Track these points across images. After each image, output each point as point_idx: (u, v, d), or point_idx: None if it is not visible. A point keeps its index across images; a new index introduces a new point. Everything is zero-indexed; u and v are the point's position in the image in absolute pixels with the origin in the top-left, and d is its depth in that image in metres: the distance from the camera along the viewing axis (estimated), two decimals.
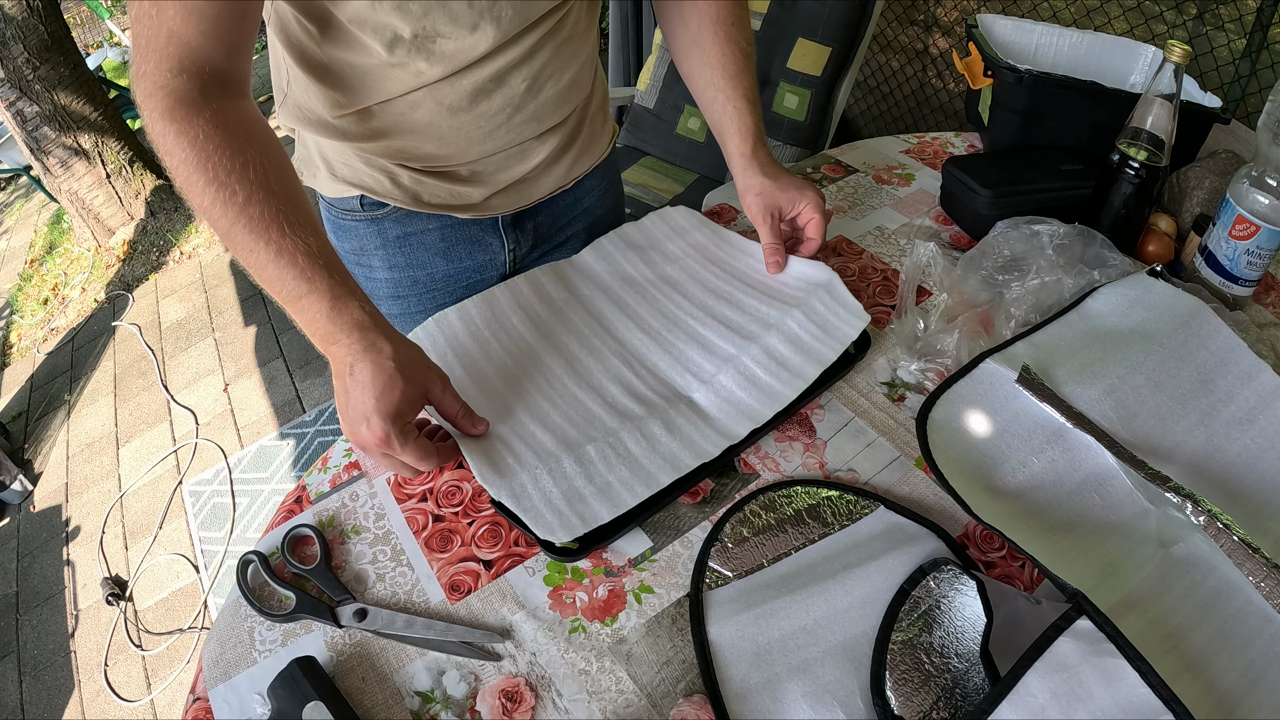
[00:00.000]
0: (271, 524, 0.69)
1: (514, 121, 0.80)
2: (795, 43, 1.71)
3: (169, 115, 0.61)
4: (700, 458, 0.67)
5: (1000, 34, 1.04)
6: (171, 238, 3.43)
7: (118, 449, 2.48)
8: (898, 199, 1.01)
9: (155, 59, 0.60)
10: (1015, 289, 0.77)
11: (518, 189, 0.89)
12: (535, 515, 0.63)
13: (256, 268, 0.63)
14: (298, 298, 0.63)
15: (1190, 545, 0.58)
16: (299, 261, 0.62)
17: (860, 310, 0.78)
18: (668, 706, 0.55)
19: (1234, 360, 0.70)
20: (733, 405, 0.72)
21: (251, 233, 0.61)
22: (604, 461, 0.67)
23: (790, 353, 0.75)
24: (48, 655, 1.97)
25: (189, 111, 0.61)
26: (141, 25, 0.60)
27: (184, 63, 0.61)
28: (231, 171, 0.61)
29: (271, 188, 0.62)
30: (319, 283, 0.63)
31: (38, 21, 3.04)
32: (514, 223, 0.93)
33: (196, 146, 0.61)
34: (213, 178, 0.61)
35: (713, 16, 0.85)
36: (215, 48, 0.61)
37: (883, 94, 2.52)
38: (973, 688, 0.51)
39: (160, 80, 0.61)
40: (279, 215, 0.62)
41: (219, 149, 0.61)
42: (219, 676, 0.59)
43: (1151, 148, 0.78)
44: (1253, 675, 0.52)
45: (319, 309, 0.63)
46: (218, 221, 0.62)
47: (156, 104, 0.61)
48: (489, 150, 0.82)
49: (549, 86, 0.80)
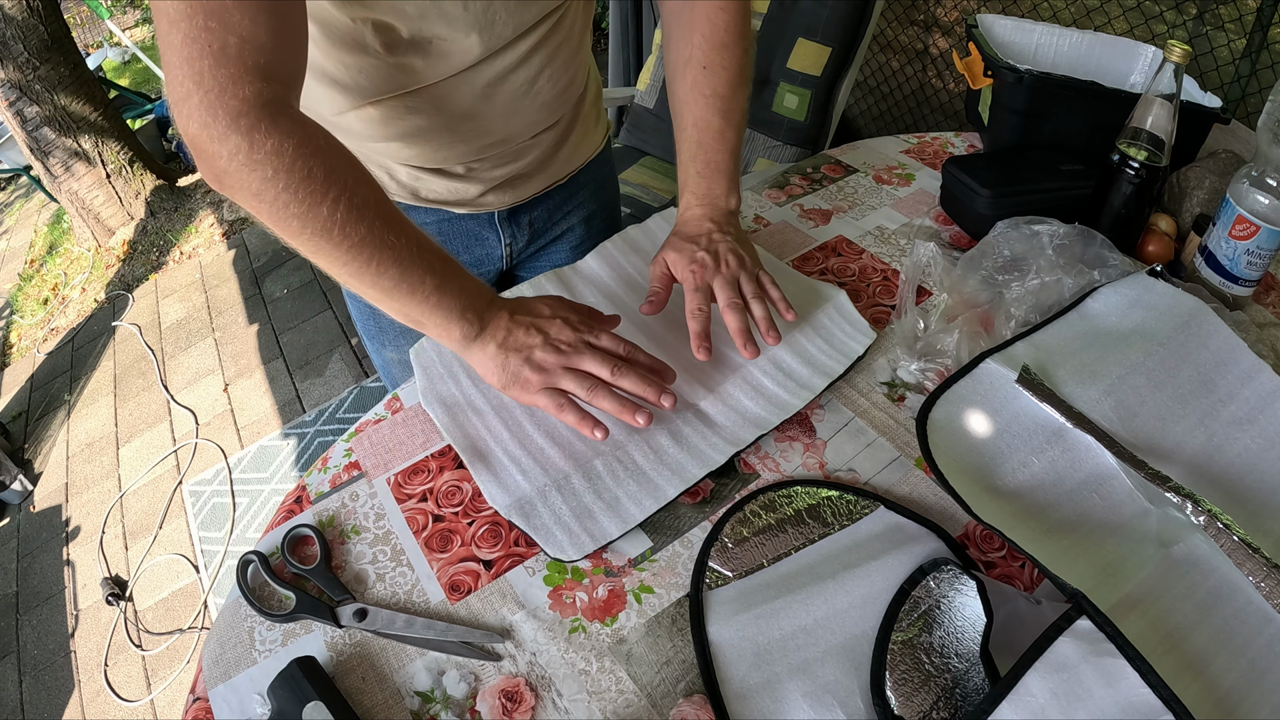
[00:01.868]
0: (271, 524, 0.69)
1: (512, 123, 0.80)
2: (795, 43, 1.71)
3: (278, 129, 0.55)
4: (707, 466, 0.67)
5: (1000, 34, 1.04)
6: (171, 238, 3.43)
7: (118, 449, 2.48)
8: (898, 199, 1.01)
9: (233, 73, 0.53)
10: (1015, 289, 0.77)
11: (513, 185, 0.89)
12: (546, 534, 0.64)
13: (397, 267, 0.62)
14: (451, 277, 0.66)
15: (1190, 545, 0.58)
16: (436, 249, 0.66)
17: (866, 327, 0.78)
18: (668, 706, 0.55)
19: (1234, 360, 0.70)
20: (739, 414, 0.72)
21: (390, 230, 0.62)
22: (612, 476, 0.67)
23: (797, 364, 0.75)
24: (48, 655, 1.97)
25: (297, 122, 0.57)
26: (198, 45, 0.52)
27: (267, 71, 0.55)
28: (359, 178, 0.60)
29: (377, 188, 0.63)
30: (454, 264, 0.67)
31: (38, 22, 3.04)
32: (510, 217, 0.93)
33: (320, 156, 0.57)
34: (344, 185, 0.58)
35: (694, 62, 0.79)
36: (288, 49, 0.57)
37: (883, 94, 2.52)
38: (973, 688, 0.51)
39: (249, 93, 0.54)
40: (398, 212, 0.64)
41: (339, 157, 0.59)
42: (219, 676, 0.59)
43: (1151, 148, 0.78)
44: (1253, 675, 0.52)
45: (471, 280, 0.68)
46: (351, 230, 0.59)
47: (258, 119, 0.54)
48: (488, 148, 0.82)
49: (547, 88, 0.80)
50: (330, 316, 2.77)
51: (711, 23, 0.78)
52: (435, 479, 0.71)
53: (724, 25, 0.78)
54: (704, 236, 0.78)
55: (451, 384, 0.77)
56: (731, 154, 0.81)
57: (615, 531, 0.64)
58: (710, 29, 0.78)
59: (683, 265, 0.76)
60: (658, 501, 0.65)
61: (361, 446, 0.75)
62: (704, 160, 0.80)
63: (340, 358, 2.58)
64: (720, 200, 0.81)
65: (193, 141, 0.55)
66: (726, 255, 0.76)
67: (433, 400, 0.75)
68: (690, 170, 0.81)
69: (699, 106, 0.79)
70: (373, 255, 0.61)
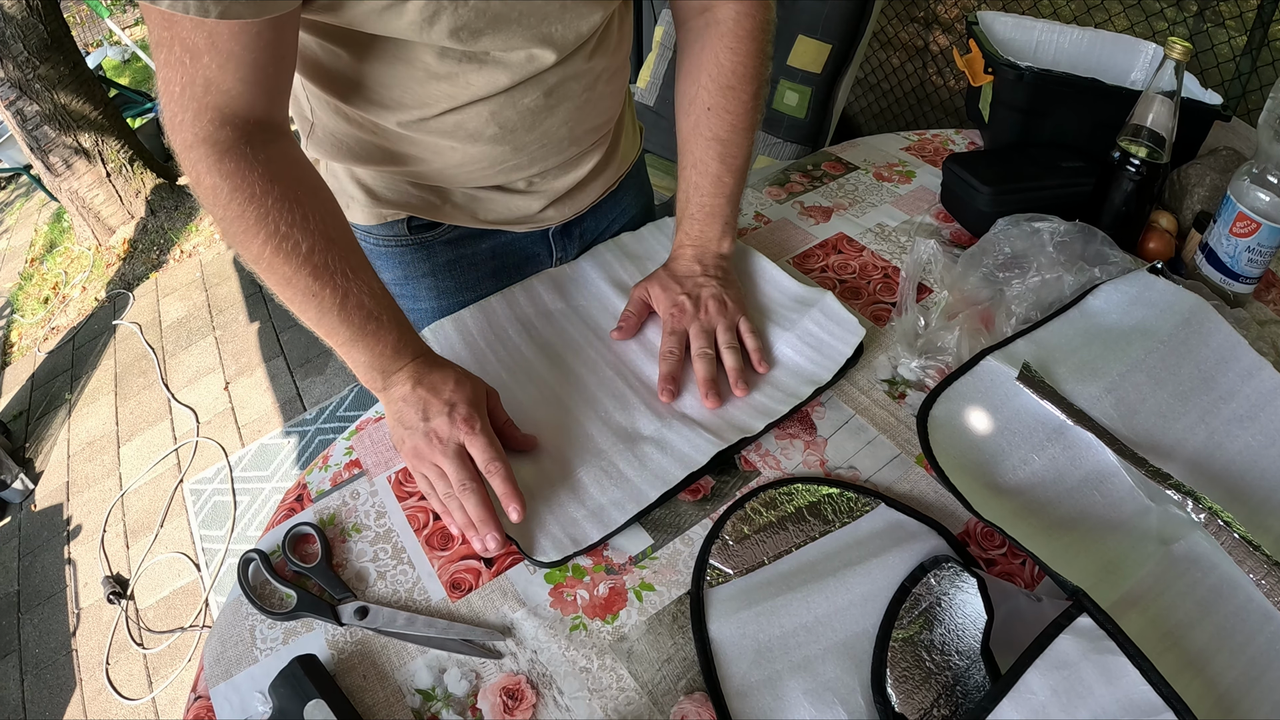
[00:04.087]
0: (272, 522, 0.69)
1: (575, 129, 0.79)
2: (795, 40, 1.71)
3: (218, 170, 0.59)
4: (689, 467, 0.67)
5: (1000, 31, 1.04)
6: (172, 236, 3.43)
7: (118, 448, 2.48)
8: (898, 196, 1.01)
9: (194, 109, 0.57)
10: (1016, 286, 0.77)
11: (572, 197, 0.88)
12: (529, 540, 0.64)
13: (317, 312, 0.64)
14: (363, 336, 0.66)
15: (1191, 543, 0.58)
16: (365, 304, 0.66)
17: (855, 324, 0.77)
18: (669, 704, 0.55)
19: (1235, 358, 0.70)
20: (724, 419, 0.72)
21: (316, 279, 0.63)
22: (597, 485, 0.68)
23: (783, 376, 0.75)
24: (49, 654, 1.97)
25: (240, 165, 0.59)
26: (173, 71, 0.56)
27: (225, 112, 0.58)
28: (294, 224, 0.61)
29: (330, 235, 0.64)
30: (385, 319, 0.67)
31: (37, 20, 3.04)
32: (563, 231, 0.92)
33: (255, 202, 0.60)
34: (274, 230, 0.60)
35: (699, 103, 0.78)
36: (257, 95, 0.58)
37: (883, 91, 2.52)
38: (973, 685, 0.51)
39: (202, 132, 0.58)
40: (342, 261, 0.64)
41: (277, 203, 0.60)
42: (220, 675, 0.59)
43: (1152, 145, 0.78)
44: (1253, 673, 0.52)
45: (388, 341, 0.67)
46: (278, 269, 0.62)
47: (202, 156, 0.58)
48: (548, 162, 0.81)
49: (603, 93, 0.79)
50: None
51: (719, 64, 0.76)
52: None
53: (731, 68, 0.76)
54: (690, 279, 0.80)
55: None
56: (728, 199, 0.81)
57: (596, 535, 0.64)
58: (717, 71, 0.77)
59: (664, 304, 0.79)
60: (639, 504, 0.65)
61: (362, 444, 0.75)
62: (698, 204, 0.81)
63: None
64: (712, 244, 0.82)
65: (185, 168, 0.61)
66: (708, 301, 0.77)
67: None
68: (685, 212, 0.83)
69: (699, 149, 0.80)
70: (295, 295, 0.64)
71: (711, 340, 0.76)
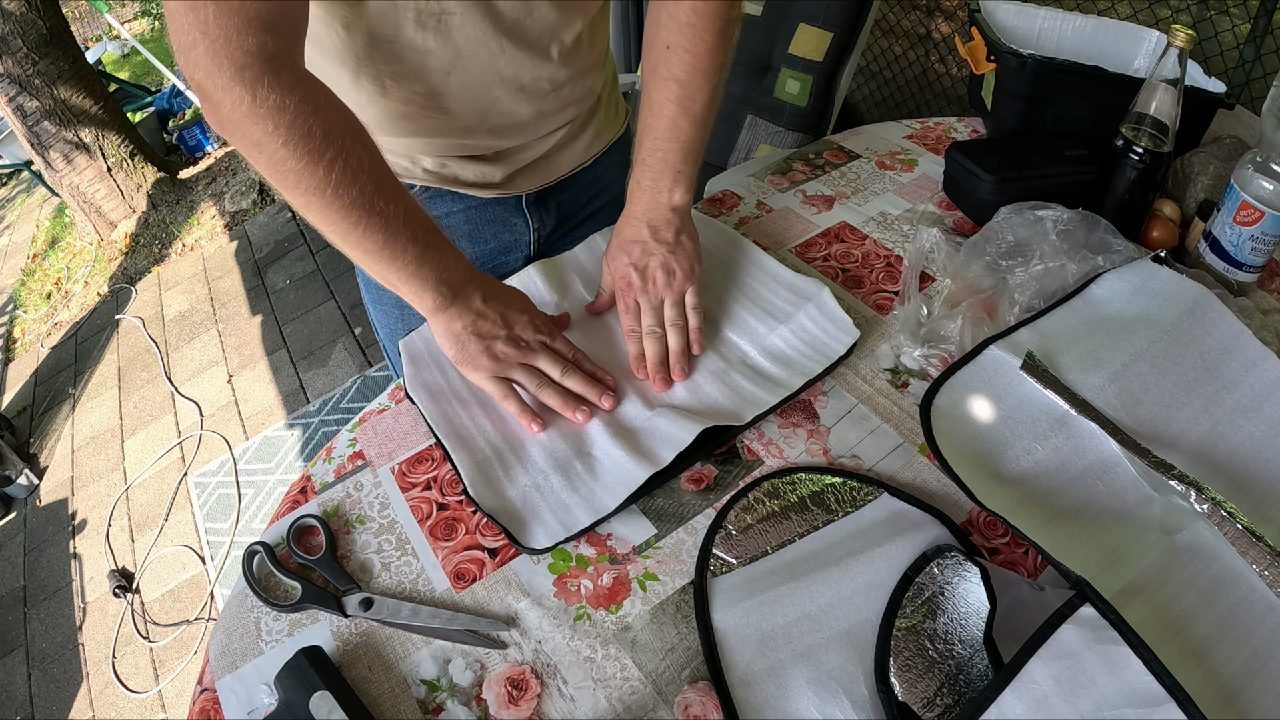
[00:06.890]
0: (276, 514, 0.70)
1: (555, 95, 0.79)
2: (797, 28, 1.70)
3: (278, 84, 0.54)
4: (676, 448, 0.67)
5: (1003, 18, 1.03)
6: (173, 230, 3.43)
7: (123, 442, 2.49)
8: (901, 185, 1.01)
9: (236, 24, 0.52)
10: (1019, 275, 0.77)
11: (540, 166, 0.88)
12: (521, 527, 0.64)
13: (384, 233, 0.63)
14: (429, 250, 0.67)
15: (1194, 533, 0.58)
16: (425, 219, 0.67)
17: (850, 326, 0.77)
18: (673, 693, 0.55)
19: (1238, 347, 0.70)
20: (713, 409, 0.72)
21: (381, 196, 0.62)
22: (589, 472, 0.68)
23: (776, 369, 0.75)
24: (56, 648, 1.98)
25: (297, 77, 0.56)
26: None
27: (267, 20, 0.53)
28: (355, 139, 0.60)
29: (375, 151, 0.63)
30: (443, 235, 0.69)
31: (36, 16, 3.03)
32: (538, 201, 0.92)
33: (320, 115, 0.57)
34: (341, 147, 0.58)
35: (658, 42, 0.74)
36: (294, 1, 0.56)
37: (885, 79, 2.51)
38: (976, 674, 0.51)
39: (251, 45, 0.53)
40: (394, 178, 0.64)
41: (338, 117, 0.59)
42: (226, 667, 0.59)
43: (1155, 133, 0.77)
44: (1256, 664, 0.52)
45: (451, 253, 0.69)
46: (344, 193, 0.59)
47: (260, 73, 0.54)
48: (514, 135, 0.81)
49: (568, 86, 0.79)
50: (333, 306, 2.77)
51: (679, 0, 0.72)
52: (439, 468, 0.71)
53: (691, 4, 0.71)
54: (637, 245, 0.77)
55: (437, 374, 0.77)
56: (683, 146, 0.76)
57: (587, 520, 0.64)
58: (676, 7, 0.72)
59: (615, 279, 0.79)
60: (629, 488, 0.65)
61: (366, 436, 0.75)
62: (650, 148, 0.77)
63: (344, 347, 2.58)
64: (662, 195, 0.77)
65: (199, 88, 0.55)
66: (655, 273, 0.76)
67: (418, 388, 0.76)
68: (636, 157, 0.78)
69: (656, 90, 0.75)
70: (361, 218, 0.62)
71: (659, 317, 0.75)
